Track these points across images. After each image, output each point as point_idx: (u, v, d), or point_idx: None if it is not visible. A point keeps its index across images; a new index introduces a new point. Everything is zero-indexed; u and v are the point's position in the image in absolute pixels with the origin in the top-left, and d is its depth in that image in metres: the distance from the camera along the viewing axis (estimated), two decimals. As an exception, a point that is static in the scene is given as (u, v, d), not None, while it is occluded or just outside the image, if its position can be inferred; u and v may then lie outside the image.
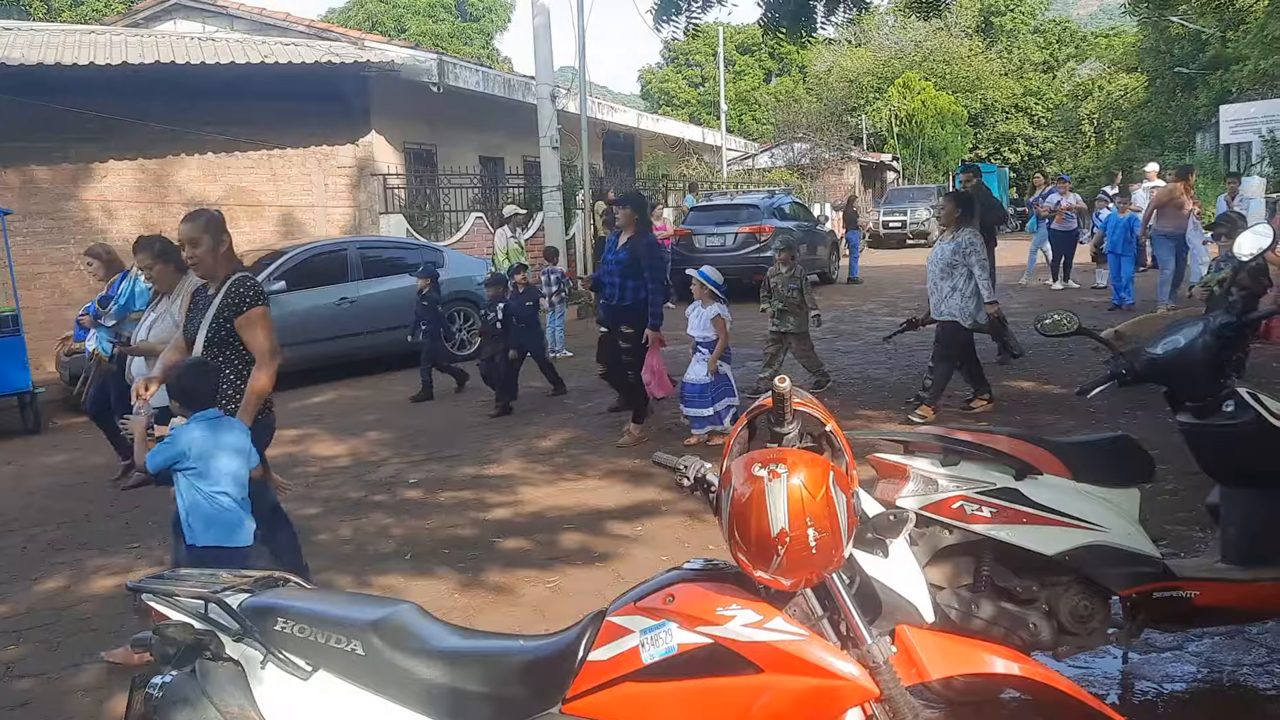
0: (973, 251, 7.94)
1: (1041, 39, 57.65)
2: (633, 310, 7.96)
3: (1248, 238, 3.84)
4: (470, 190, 19.02)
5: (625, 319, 8.03)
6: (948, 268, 8.05)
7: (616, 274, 7.99)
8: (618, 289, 8.01)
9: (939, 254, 8.18)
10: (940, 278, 8.10)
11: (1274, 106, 25.71)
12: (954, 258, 8.01)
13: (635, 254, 7.88)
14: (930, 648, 2.14)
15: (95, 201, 14.26)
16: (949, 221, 8.28)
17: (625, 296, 7.99)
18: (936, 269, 8.16)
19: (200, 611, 2.38)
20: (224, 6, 19.03)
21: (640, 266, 7.84)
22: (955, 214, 8.21)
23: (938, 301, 8.13)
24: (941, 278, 8.09)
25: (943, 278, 8.08)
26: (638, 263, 7.86)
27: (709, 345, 7.85)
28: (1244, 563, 3.62)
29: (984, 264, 7.96)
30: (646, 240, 8.03)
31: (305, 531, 6.32)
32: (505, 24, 57.10)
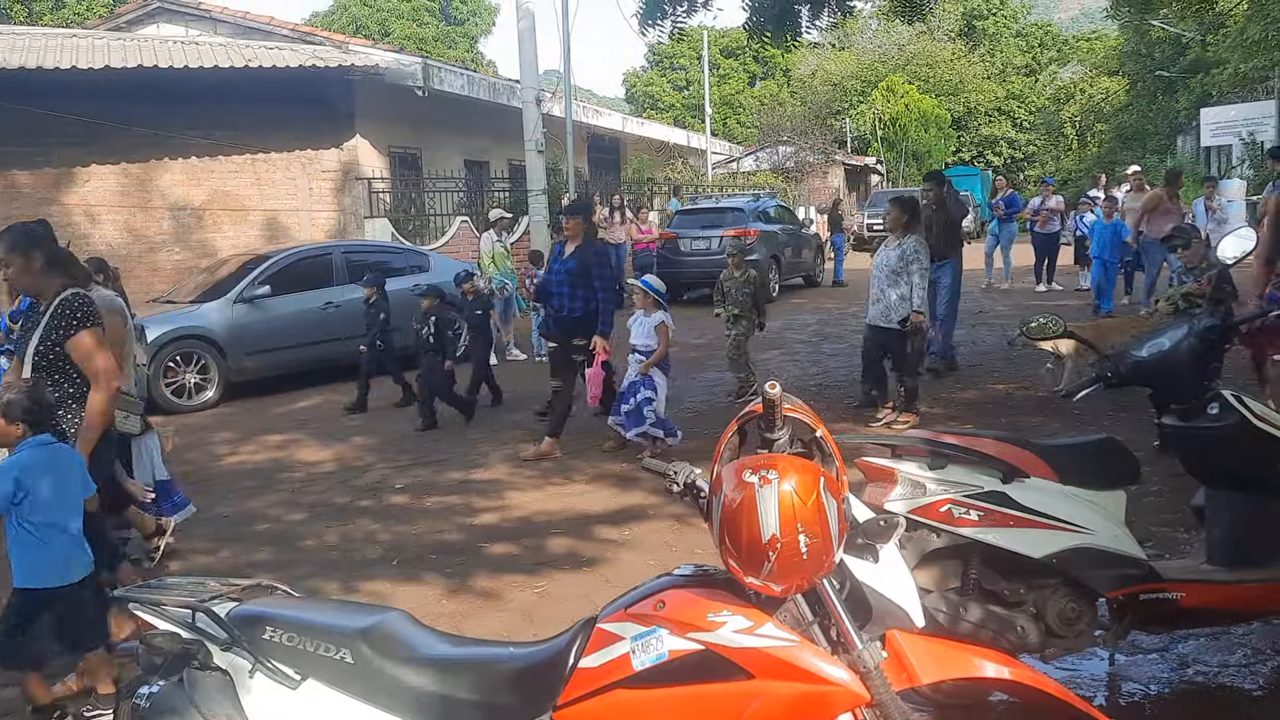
0: (916, 259, 7.91)
1: (1024, 43, 57.92)
2: (583, 321, 7.77)
3: (1230, 241, 3.86)
4: (455, 194, 19.00)
5: (576, 330, 7.83)
6: (894, 274, 8.00)
7: (566, 284, 7.78)
8: (567, 299, 7.80)
9: (885, 260, 8.11)
10: (887, 284, 8.04)
11: (1254, 109, 25.95)
12: (900, 264, 7.96)
13: (584, 263, 7.71)
14: (921, 652, 2.15)
15: (78, 206, 14.18)
16: (896, 227, 8.22)
17: (575, 307, 7.77)
18: (883, 275, 8.08)
19: (187, 621, 2.37)
20: (207, 10, 18.97)
21: (590, 275, 7.68)
22: (902, 220, 8.15)
23: (884, 309, 8.06)
24: (888, 284, 8.03)
25: (889, 284, 8.02)
26: (587, 271, 7.69)
27: (651, 354, 7.73)
28: (1229, 564, 3.64)
29: (925, 272, 7.94)
30: (594, 248, 7.88)
31: (291, 537, 6.31)
32: (489, 28, 57.11)
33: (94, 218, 14.35)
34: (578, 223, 7.88)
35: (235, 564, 5.82)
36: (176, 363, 10.87)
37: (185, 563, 5.92)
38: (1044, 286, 17.05)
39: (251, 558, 5.95)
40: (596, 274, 7.70)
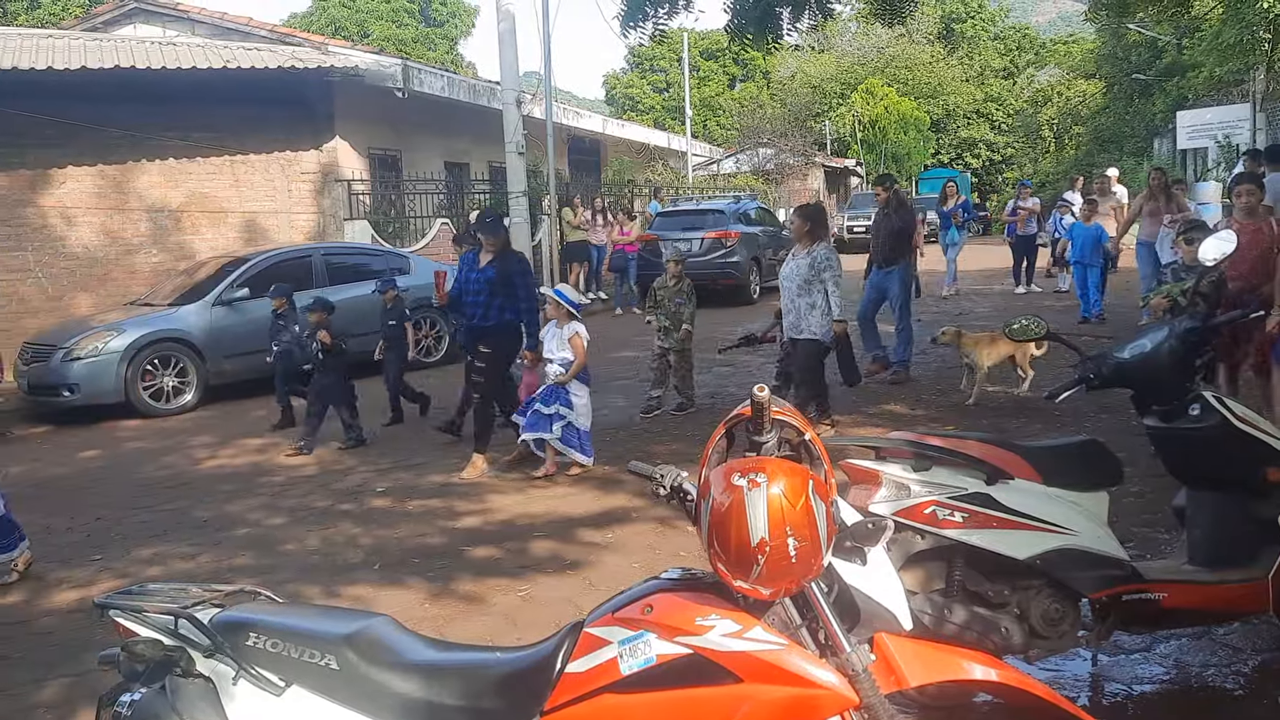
0: (828, 266, 7.71)
1: (1002, 45, 58.30)
2: (495, 330, 7.58)
3: (1211, 243, 3.89)
4: (435, 196, 18.95)
5: (485, 338, 7.61)
6: (805, 284, 7.79)
7: (483, 293, 7.55)
8: (482, 308, 7.57)
9: (795, 270, 7.89)
10: (798, 294, 7.82)
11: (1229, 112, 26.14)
12: (811, 273, 7.75)
13: (506, 272, 7.51)
14: (909, 655, 2.15)
15: (54, 208, 14.05)
16: (800, 236, 8.00)
17: (490, 316, 7.56)
18: (793, 285, 7.86)
19: (170, 627, 2.34)
20: (185, 11, 18.86)
21: (513, 285, 7.49)
22: (805, 228, 7.95)
23: (796, 319, 7.86)
24: (799, 294, 7.82)
25: (800, 294, 7.81)
26: (509, 281, 7.49)
27: (568, 366, 7.40)
28: (1210, 565, 3.66)
29: (838, 279, 7.73)
30: (517, 259, 7.76)
31: (271, 541, 6.27)
32: (469, 29, 56.91)
33: (70, 220, 14.22)
34: (492, 239, 7.63)
35: (216, 569, 5.78)
36: (155, 366, 10.80)
37: (165, 568, 5.87)
38: (1023, 288, 17.13)
39: (232, 562, 5.91)
40: (520, 284, 7.53)
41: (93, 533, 6.73)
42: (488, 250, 7.66)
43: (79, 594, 5.46)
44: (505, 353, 7.71)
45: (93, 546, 6.38)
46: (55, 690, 4.37)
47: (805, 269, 7.77)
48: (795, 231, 8.11)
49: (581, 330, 7.48)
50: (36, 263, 13.81)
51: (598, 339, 8.10)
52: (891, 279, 10.01)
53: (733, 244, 17.53)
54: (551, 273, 18.45)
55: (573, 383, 7.35)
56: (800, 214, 8.20)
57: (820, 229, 8.05)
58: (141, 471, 7.91)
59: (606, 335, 14.33)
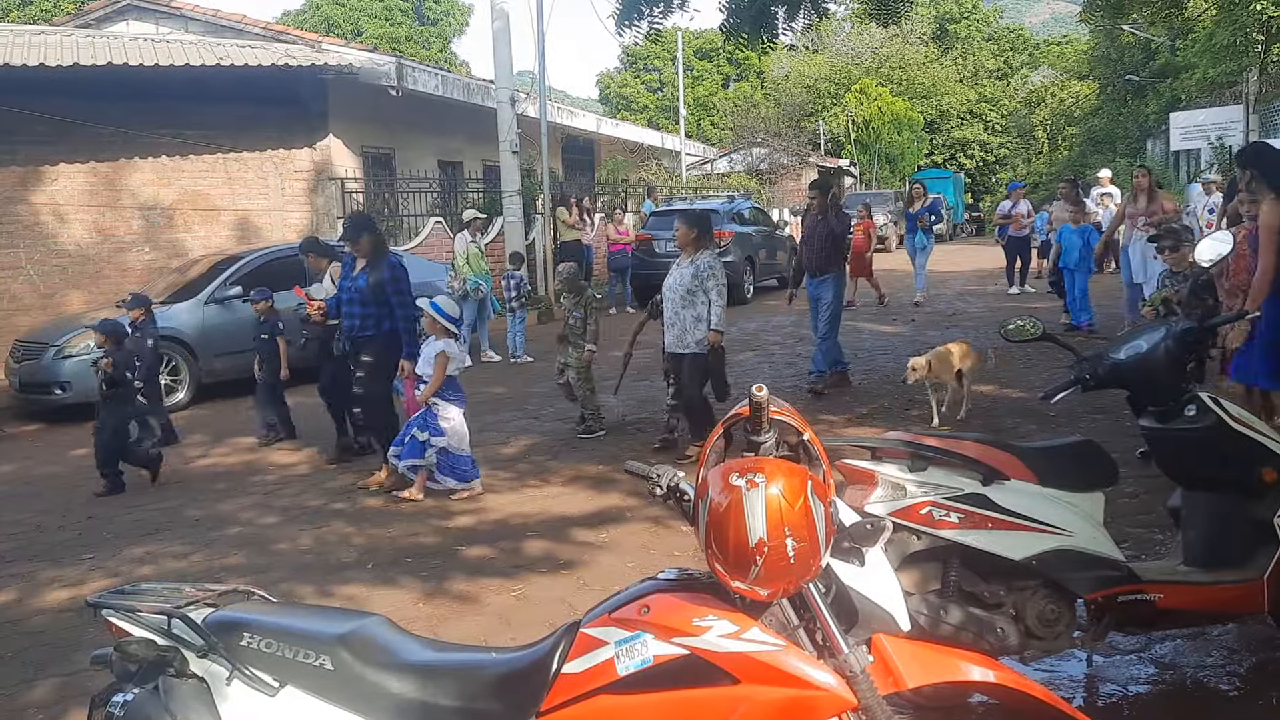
0: (711, 275, 7.36)
1: (995, 46, 58.37)
2: (375, 340, 7.31)
3: (1207, 244, 3.90)
4: (429, 195, 18.92)
5: (365, 349, 7.36)
6: (688, 295, 7.39)
7: (356, 302, 7.32)
8: (357, 318, 7.33)
9: (678, 280, 7.48)
10: (682, 306, 7.42)
11: (1222, 114, 26.25)
12: (695, 283, 7.37)
13: (377, 281, 7.23)
14: (907, 656, 2.14)
15: (46, 205, 13.99)
16: (686, 245, 7.57)
17: (368, 326, 7.31)
18: (676, 297, 7.45)
19: (163, 627, 2.32)
20: (178, 8, 18.79)
21: (384, 294, 7.21)
22: (691, 236, 7.53)
23: (680, 333, 7.45)
24: (684, 306, 7.41)
25: (685, 306, 7.41)
26: (381, 290, 7.22)
27: None
28: (1205, 565, 3.66)
29: (722, 289, 7.39)
30: (390, 265, 7.32)
31: (264, 540, 6.25)
32: (463, 28, 56.91)
33: (62, 217, 14.16)
34: (366, 243, 7.34)
35: (208, 568, 5.76)
36: (147, 364, 10.73)
37: (157, 567, 5.85)
38: (1016, 289, 17.16)
39: (224, 561, 5.89)
40: (392, 292, 7.22)
41: (84, 531, 6.70)
42: (360, 256, 7.39)
43: (70, 593, 5.44)
44: (386, 364, 7.33)
45: (84, 545, 6.35)
46: (46, 690, 4.35)
47: (689, 279, 7.40)
48: (680, 239, 7.67)
49: (450, 348, 6.94)
50: (28, 260, 13.75)
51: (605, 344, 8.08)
52: (825, 288, 9.59)
53: (726, 244, 17.51)
54: (545, 272, 18.43)
55: (441, 405, 6.89)
56: (685, 220, 7.76)
57: (707, 237, 7.68)
58: (133, 470, 7.88)
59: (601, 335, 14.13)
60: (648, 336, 8.67)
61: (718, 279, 7.40)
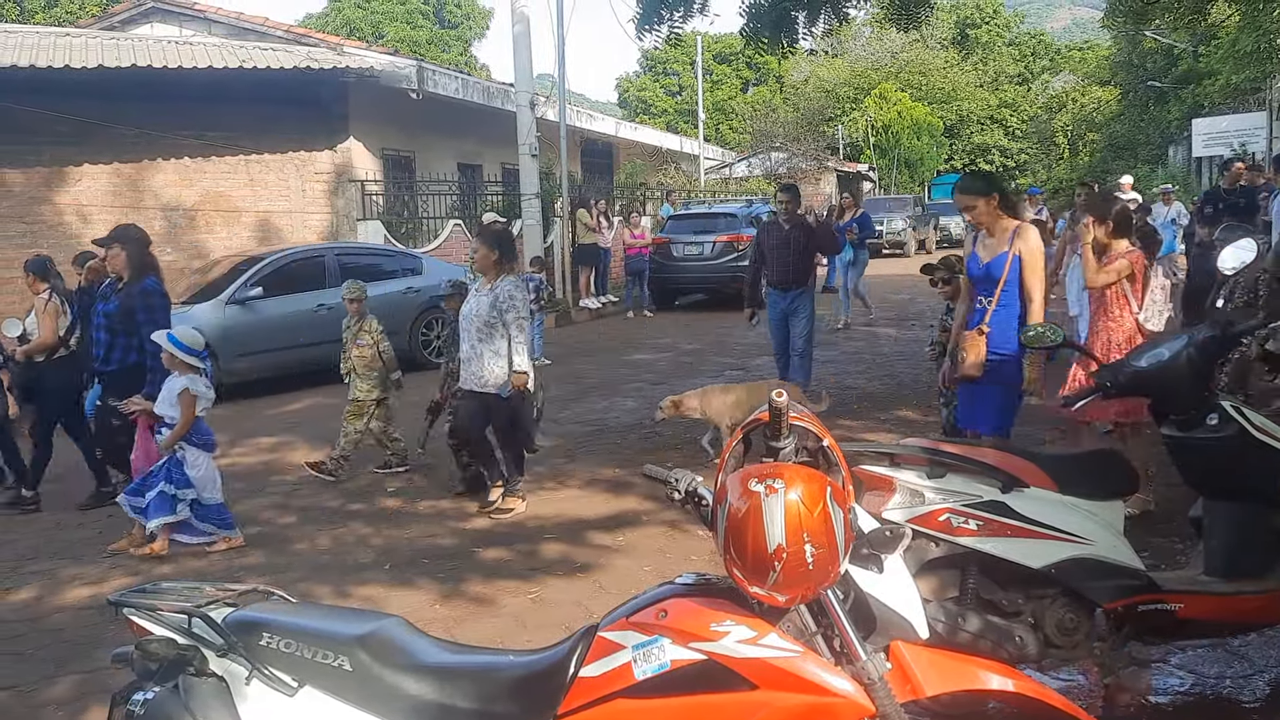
0: (511, 306, 6.39)
1: (1016, 51, 58.20)
2: (120, 376, 6.43)
3: (1230, 252, 3.87)
4: (448, 197, 18.98)
5: (112, 389, 6.51)
6: (487, 327, 6.44)
7: (104, 329, 6.44)
8: (104, 348, 6.44)
9: (474, 309, 6.52)
10: (479, 339, 6.46)
11: (1245, 120, 26.09)
12: (492, 314, 6.43)
13: (128, 306, 6.35)
14: (925, 664, 2.14)
15: (69, 206, 14.11)
16: (486, 268, 6.58)
17: (111, 358, 6.45)
18: (473, 329, 6.48)
19: (184, 626, 2.34)
20: (201, 10, 18.94)
21: (134, 320, 6.31)
22: (492, 258, 6.52)
23: (478, 369, 6.48)
24: (481, 339, 6.46)
25: (482, 339, 6.46)
26: (131, 316, 6.33)
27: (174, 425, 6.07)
28: (1227, 575, 3.64)
29: (522, 322, 6.42)
30: (143, 289, 6.36)
31: (282, 541, 6.27)
32: (483, 31, 57.08)
33: (85, 217, 14.26)
34: (119, 252, 6.42)
35: (227, 567, 5.80)
36: (167, 364, 10.81)
37: (176, 565, 5.88)
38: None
39: (243, 561, 5.92)
40: (144, 319, 6.28)
41: (104, 530, 6.74)
42: (115, 271, 6.49)
43: (91, 591, 5.47)
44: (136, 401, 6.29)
45: (103, 543, 6.38)
46: (66, 687, 4.38)
47: (486, 309, 6.44)
48: (479, 263, 6.67)
49: (195, 385, 6.03)
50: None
51: (608, 342, 7.99)
52: (802, 301, 8.96)
53: (744, 248, 17.47)
54: (563, 275, 18.47)
55: (188, 451, 6.06)
56: (483, 240, 6.70)
57: (509, 259, 6.68)
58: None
59: (618, 338, 14.40)
60: (653, 340, 8.60)
61: (518, 309, 6.41)
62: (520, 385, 6.46)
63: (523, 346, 6.43)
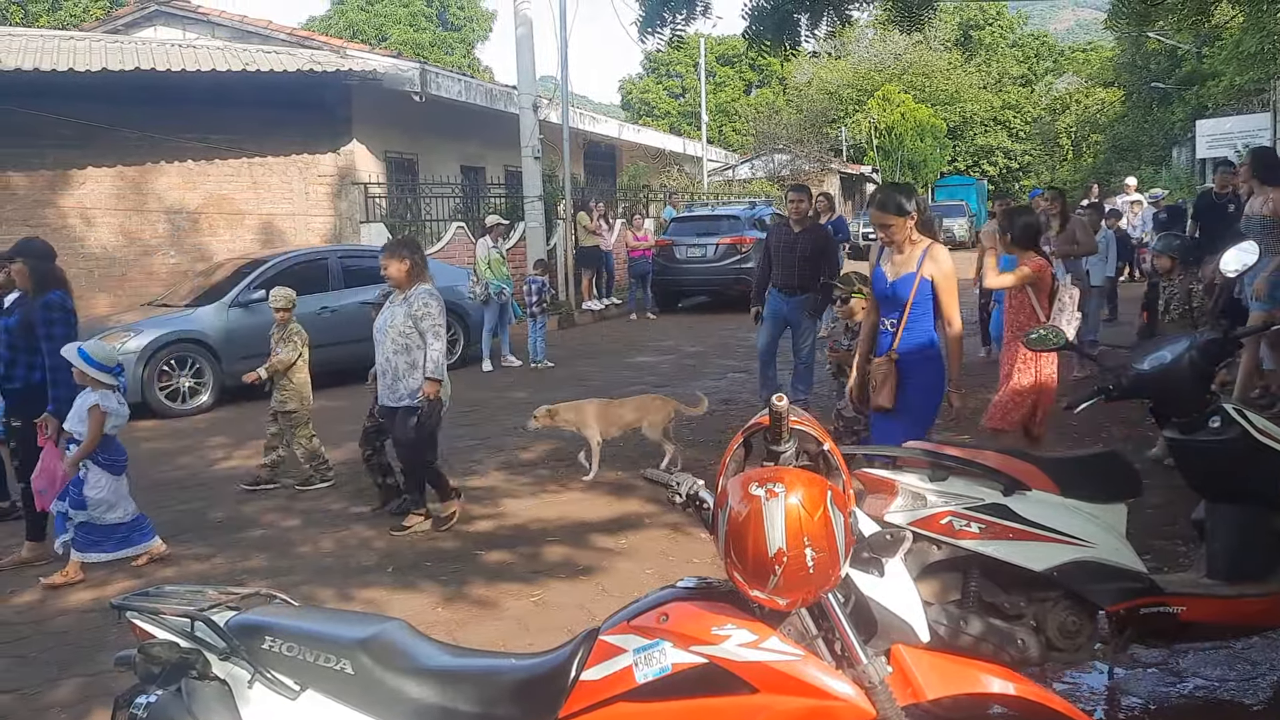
0: (427, 314, 6.16)
1: (1020, 53, 58.16)
2: (23, 394, 6.09)
3: (1232, 254, 3.86)
4: (451, 200, 19.01)
5: (16, 406, 6.16)
6: (402, 339, 6.19)
7: (4, 344, 6.13)
8: (4, 365, 6.13)
9: (388, 321, 6.27)
10: (394, 351, 6.20)
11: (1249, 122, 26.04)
12: (407, 325, 6.18)
13: (27, 320, 6.01)
14: (926, 667, 2.14)
15: (73, 209, 14.15)
16: (399, 278, 6.26)
17: (14, 376, 6.11)
18: (387, 341, 6.23)
19: (186, 630, 2.34)
20: (205, 13, 18.98)
21: (34, 336, 5.95)
22: (405, 268, 6.23)
23: (393, 381, 6.24)
24: (396, 351, 6.20)
25: (397, 351, 6.20)
26: (30, 331, 5.97)
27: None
28: (1229, 578, 3.63)
29: (439, 330, 6.19)
30: (44, 300, 5.98)
31: (285, 544, 6.28)
32: (486, 34, 57.14)
33: (89, 220, 14.32)
34: (24, 268, 6.14)
35: (230, 570, 5.80)
36: (171, 366, 10.84)
37: (179, 569, 5.89)
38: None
39: (246, 564, 5.93)
40: (43, 335, 5.88)
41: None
42: (20, 283, 6.21)
43: (94, 594, 5.48)
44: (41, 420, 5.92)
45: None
46: (69, 690, 4.38)
47: (400, 320, 6.21)
48: (392, 275, 6.28)
49: (106, 401, 5.70)
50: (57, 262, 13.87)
51: (611, 344, 7.96)
52: (803, 308, 8.66)
53: (747, 250, 17.48)
54: (566, 277, 18.48)
55: (91, 470, 5.72)
56: (392, 251, 6.36)
57: (421, 267, 6.35)
58: (157, 472, 7.94)
59: (620, 340, 14.42)
60: (656, 343, 8.56)
61: (434, 317, 6.19)
62: (432, 393, 6.15)
63: (439, 355, 6.17)
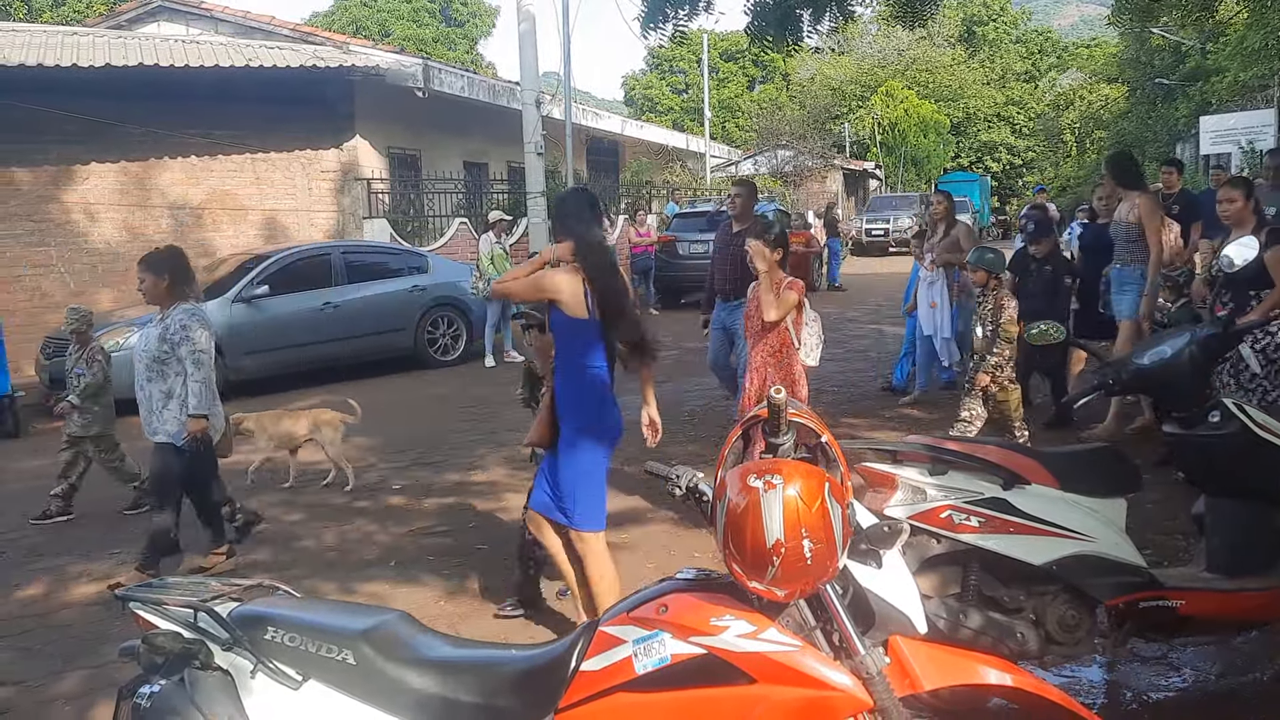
0: (185, 339, 5.33)
1: (1023, 49, 58.08)
2: None
3: (1235, 249, 3.87)
4: (454, 195, 19.01)
5: None
6: (158, 364, 5.40)
7: None
8: None
9: (144, 344, 5.53)
10: (148, 378, 5.42)
11: (1253, 118, 25.98)
12: (162, 349, 5.38)
13: None
14: (923, 658, 2.15)
15: (77, 204, 14.16)
16: (156, 297, 5.49)
17: None
18: (143, 366, 5.46)
19: (189, 621, 2.36)
20: (208, 9, 18.98)
21: None
22: (163, 285, 5.43)
23: (147, 414, 5.46)
24: (150, 378, 5.42)
25: (152, 378, 5.41)
26: None
27: None
28: (1228, 572, 3.65)
29: (200, 357, 5.34)
30: None
31: (289, 538, 6.30)
32: (489, 29, 57.11)
33: (93, 216, 14.33)
34: None
35: (234, 563, 5.80)
36: (174, 362, 10.84)
37: (184, 561, 5.90)
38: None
39: (249, 558, 5.94)
40: None
41: (112, 526, 6.77)
42: None
43: (98, 587, 5.50)
44: None
45: (112, 540, 6.42)
46: (74, 682, 4.41)
47: (155, 344, 5.42)
48: (148, 291, 5.50)
49: None
50: (59, 258, 13.92)
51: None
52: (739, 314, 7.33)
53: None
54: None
55: None
56: (149, 265, 5.49)
57: (183, 284, 5.53)
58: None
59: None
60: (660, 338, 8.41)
61: (193, 342, 5.34)
62: (197, 432, 5.36)
63: (200, 388, 5.35)
